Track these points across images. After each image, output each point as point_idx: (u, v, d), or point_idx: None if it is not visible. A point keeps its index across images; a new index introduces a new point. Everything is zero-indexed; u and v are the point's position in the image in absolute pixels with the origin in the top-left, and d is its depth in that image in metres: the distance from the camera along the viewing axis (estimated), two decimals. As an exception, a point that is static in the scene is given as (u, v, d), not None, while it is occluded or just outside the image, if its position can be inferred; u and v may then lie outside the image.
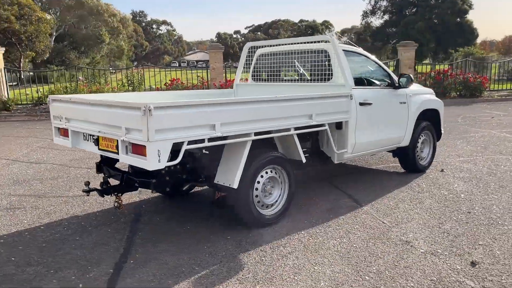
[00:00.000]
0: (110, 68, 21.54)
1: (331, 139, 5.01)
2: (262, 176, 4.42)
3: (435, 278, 3.36)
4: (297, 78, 5.90)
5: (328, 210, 4.95)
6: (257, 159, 4.31)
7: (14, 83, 25.37)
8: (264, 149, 4.50)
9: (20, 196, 5.66)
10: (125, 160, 3.67)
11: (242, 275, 3.45)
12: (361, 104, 5.34)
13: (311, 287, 3.27)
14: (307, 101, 4.58)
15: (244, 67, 6.42)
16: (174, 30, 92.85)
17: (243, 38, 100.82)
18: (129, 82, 17.82)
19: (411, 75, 6.03)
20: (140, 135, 3.42)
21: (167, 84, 16.84)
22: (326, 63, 5.33)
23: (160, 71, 20.65)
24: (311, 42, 5.55)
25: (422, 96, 6.45)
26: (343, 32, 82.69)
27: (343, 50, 5.43)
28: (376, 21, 54.32)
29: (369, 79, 5.92)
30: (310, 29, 70.11)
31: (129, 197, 5.41)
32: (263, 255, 3.83)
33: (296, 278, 3.41)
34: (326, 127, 4.86)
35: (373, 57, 5.95)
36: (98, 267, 3.64)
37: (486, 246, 3.94)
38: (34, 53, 33.56)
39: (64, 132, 4.55)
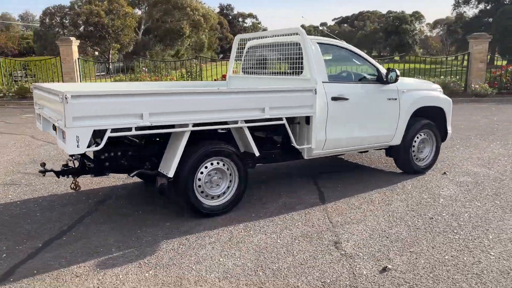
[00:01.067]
0: (172, 60, 22.48)
1: (291, 134, 4.91)
2: (206, 167, 4.49)
3: (328, 281, 3.23)
4: (277, 71, 5.84)
5: (285, 206, 4.89)
6: (200, 150, 4.39)
7: (102, 73, 27.69)
8: (213, 140, 4.57)
9: (25, 174, 6.28)
10: (59, 144, 3.96)
11: (147, 260, 3.59)
12: (334, 99, 5.17)
13: (199, 277, 3.31)
14: (256, 94, 4.55)
15: (236, 60, 6.47)
16: (259, 23, 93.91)
17: (328, 30, 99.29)
18: (188, 73, 18.54)
19: (397, 70, 5.66)
20: (62, 121, 3.68)
21: (224, 76, 17.24)
22: (298, 56, 5.23)
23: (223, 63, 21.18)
24: (287, 35, 5.47)
25: (419, 92, 6.02)
26: (436, 23, 77.98)
27: (320, 43, 5.28)
28: (470, 11, 50.54)
29: (350, 73, 5.68)
30: (398, 20, 66.85)
31: (114, 181, 5.78)
32: (183, 243, 3.93)
33: (193, 267, 3.47)
34: (284, 121, 4.78)
35: (358, 51, 5.68)
36: (32, 241, 4.00)
37: (415, 253, 3.67)
38: (119, 45, 36.04)
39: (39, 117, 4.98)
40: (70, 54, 17.65)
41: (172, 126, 4.25)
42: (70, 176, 4.59)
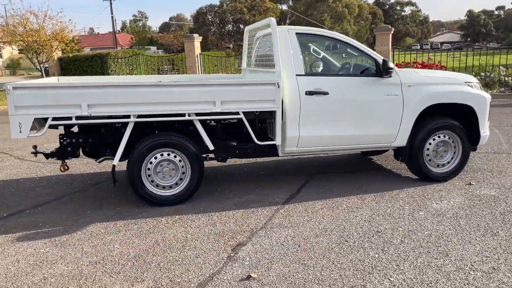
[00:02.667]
0: None
1: (250, 130, 4.75)
2: (156, 158, 4.65)
3: (178, 280, 3.15)
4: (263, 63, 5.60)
5: (242, 203, 4.77)
6: (147, 141, 4.58)
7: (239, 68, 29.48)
8: (169, 132, 4.71)
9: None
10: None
11: (58, 237, 3.94)
12: (309, 93, 4.82)
13: (75, 258, 3.53)
14: (203, 87, 4.52)
15: (249, 51, 6.41)
16: (419, 11, 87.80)
17: (503, 15, 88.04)
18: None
19: (388, 61, 4.92)
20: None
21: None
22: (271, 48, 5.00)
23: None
24: (266, 26, 5.25)
25: (432, 87, 5.16)
26: None
27: (299, 33, 4.95)
28: None
29: (337, 65, 5.18)
30: None
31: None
32: (105, 226, 4.18)
33: (85, 250, 3.70)
34: (241, 115, 4.65)
35: (350, 40, 5.12)
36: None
37: (296, 268, 3.30)
38: (258, 40, 37.61)
39: None
40: (192, 50, 19.18)
41: (128, 117, 4.46)
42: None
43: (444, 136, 5.30)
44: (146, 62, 22.53)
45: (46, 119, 4.28)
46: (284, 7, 48.33)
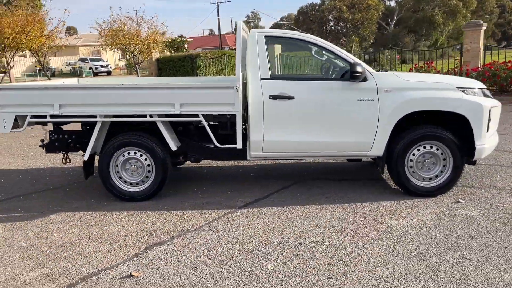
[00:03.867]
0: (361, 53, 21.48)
1: (210, 132, 4.82)
2: (123, 155, 4.96)
3: (71, 271, 3.40)
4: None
5: (199, 204, 4.87)
6: (115, 139, 4.92)
7: None
8: (132, 131, 5.00)
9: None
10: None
11: (13, 224, 4.44)
12: (273, 97, 4.74)
13: (26, 238, 3.98)
14: (161, 90, 4.72)
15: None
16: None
17: None
18: (381, 66, 17.79)
19: (356, 65, 4.56)
20: (-5, 108, 4.87)
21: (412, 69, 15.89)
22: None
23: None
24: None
25: (413, 92, 4.68)
26: None
27: (268, 36, 4.89)
28: None
29: (308, 69, 4.96)
30: None
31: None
32: (54, 218, 4.59)
33: (36, 233, 4.14)
34: (201, 118, 4.76)
35: (326, 43, 4.87)
36: None
37: (194, 270, 3.33)
38: (357, 39, 36.56)
39: None
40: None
41: (95, 116, 4.85)
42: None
43: (431, 147, 4.79)
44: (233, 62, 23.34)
45: (25, 117, 4.82)
46: (392, 3, 46.17)
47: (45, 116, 4.80)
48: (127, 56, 21.21)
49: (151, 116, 4.76)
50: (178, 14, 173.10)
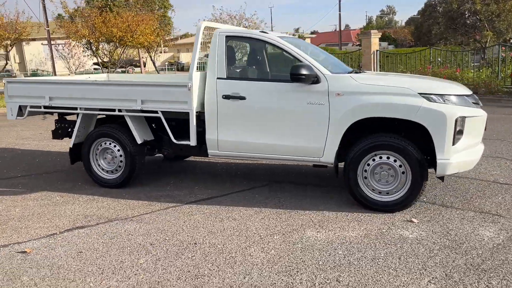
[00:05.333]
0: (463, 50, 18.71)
1: (167, 128, 5.04)
2: (101, 145, 5.47)
3: (-12, 240, 3.97)
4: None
5: (156, 196, 5.11)
6: (94, 130, 5.46)
7: (476, 63, 26.36)
8: (108, 124, 5.48)
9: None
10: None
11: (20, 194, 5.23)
12: (226, 97, 4.80)
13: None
14: (126, 87, 5.08)
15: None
16: None
17: None
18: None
19: (298, 66, 4.29)
20: (6, 98, 5.76)
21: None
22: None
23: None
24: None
25: (367, 97, 4.28)
26: None
27: (229, 36, 4.93)
28: None
29: (262, 69, 4.85)
30: None
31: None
32: (31, 196, 5.26)
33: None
34: (159, 114, 5.02)
35: (285, 45, 4.67)
36: None
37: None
38: (490, 33, 32.75)
39: None
40: (369, 47, 18.68)
41: (76, 109, 5.46)
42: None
43: (388, 158, 4.35)
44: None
45: (26, 107, 5.59)
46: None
47: (39, 107, 5.51)
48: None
49: (119, 110, 5.15)
50: (310, 10, 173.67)
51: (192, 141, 4.92)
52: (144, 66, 41.74)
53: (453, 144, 4.13)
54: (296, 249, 3.62)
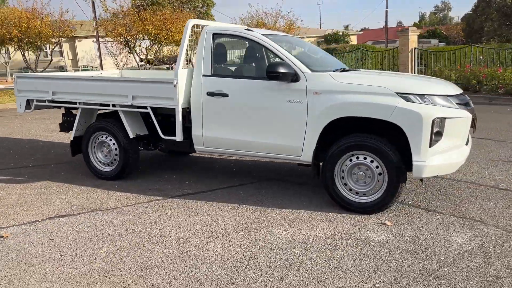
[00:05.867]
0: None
1: (156, 124, 5.18)
2: (98, 139, 5.68)
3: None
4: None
5: (146, 189, 5.26)
6: (92, 124, 5.70)
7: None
8: (106, 118, 5.70)
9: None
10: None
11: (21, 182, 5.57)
12: (210, 94, 4.88)
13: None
14: (119, 83, 5.26)
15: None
16: None
17: None
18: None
19: (273, 64, 4.25)
20: (17, 92, 6.11)
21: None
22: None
23: None
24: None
25: (345, 96, 4.20)
26: None
27: (216, 33, 4.99)
28: None
29: (246, 67, 4.86)
30: None
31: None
32: (20, 183, 5.56)
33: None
34: (149, 109, 5.18)
35: (269, 43, 4.65)
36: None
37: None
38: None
39: None
40: (406, 44, 18.12)
41: (75, 103, 5.71)
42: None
43: (365, 159, 4.26)
44: (370, 56, 22.37)
45: (33, 101, 5.92)
46: None
47: (44, 101, 5.81)
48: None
49: (113, 105, 5.34)
50: (360, 7, 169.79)
51: (178, 137, 5.03)
52: (188, 62, 42.69)
53: (430, 146, 3.98)
54: (255, 246, 3.63)
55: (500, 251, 3.43)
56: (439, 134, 4.02)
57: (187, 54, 5.60)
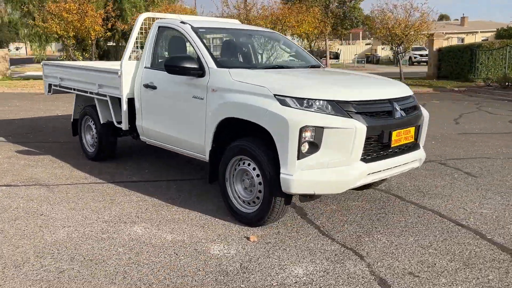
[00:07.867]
0: None
1: (112, 112, 5.47)
2: (86, 122, 6.24)
3: None
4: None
5: (108, 173, 5.60)
6: (82, 110, 6.32)
7: None
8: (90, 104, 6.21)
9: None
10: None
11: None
12: (146, 86, 4.98)
13: None
14: (86, 71, 5.74)
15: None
16: None
17: None
18: None
19: (174, 58, 4.05)
20: (44, 77, 7.07)
21: None
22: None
23: None
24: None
25: (232, 95, 3.83)
26: None
27: (161, 26, 5.02)
28: None
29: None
30: None
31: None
32: (8, 158, 6.38)
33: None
34: (107, 98, 5.53)
35: (190, 36, 4.49)
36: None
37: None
38: None
39: None
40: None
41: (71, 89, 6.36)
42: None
43: (249, 165, 3.86)
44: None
45: (51, 85, 6.80)
46: None
47: (57, 85, 6.63)
48: (393, 46, 20.68)
49: (91, 92, 5.83)
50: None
51: (124, 125, 5.24)
52: (336, 58, 42.01)
53: (299, 158, 3.39)
54: (72, 238, 3.62)
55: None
56: (314, 145, 3.40)
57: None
